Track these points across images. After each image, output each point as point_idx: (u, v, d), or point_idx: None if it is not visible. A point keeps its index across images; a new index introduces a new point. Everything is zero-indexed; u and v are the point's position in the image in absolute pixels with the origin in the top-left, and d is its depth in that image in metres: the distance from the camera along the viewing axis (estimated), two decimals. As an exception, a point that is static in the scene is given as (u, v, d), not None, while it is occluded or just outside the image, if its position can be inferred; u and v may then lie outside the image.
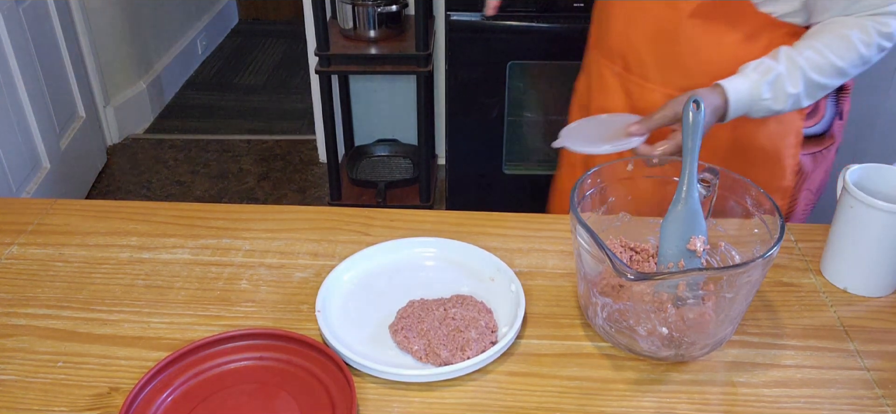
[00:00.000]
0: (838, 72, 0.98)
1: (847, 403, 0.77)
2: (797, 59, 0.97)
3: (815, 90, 0.99)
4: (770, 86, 0.97)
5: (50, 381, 0.80)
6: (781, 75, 0.97)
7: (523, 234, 1.02)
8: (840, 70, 0.98)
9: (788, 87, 0.97)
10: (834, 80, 0.99)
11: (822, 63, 0.97)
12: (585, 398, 0.78)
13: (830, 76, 0.98)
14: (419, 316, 0.85)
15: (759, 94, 0.97)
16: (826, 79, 0.98)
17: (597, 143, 1.01)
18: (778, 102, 0.98)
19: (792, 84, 0.97)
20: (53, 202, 1.09)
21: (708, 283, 0.78)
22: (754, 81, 0.97)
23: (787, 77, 0.97)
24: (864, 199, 0.86)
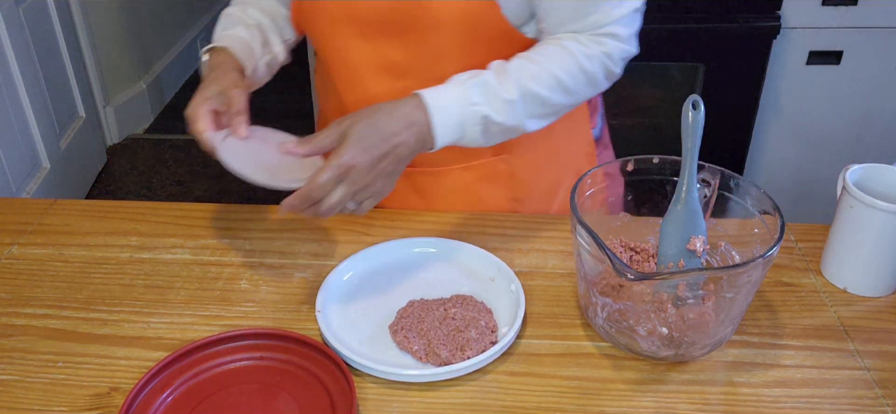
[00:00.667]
0: (560, 84, 0.89)
1: (847, 403, 0.77)
2: (506, 66, 0.89)
3: (537, 103, 0.89)
4: (480, 88, 0.86)
5: (50, 381, 0.80)
6: (490, 82, 0.87)
7: (523, 234, 1.02)
8: (561, 81, 0.89)
9: (502, 92, 0.87)
10: (557, 94, 0.90)
11: (538, 71, 0.88)
12: (585, 398, 0.78)
13: (552, 88, 0.89)
14: (419, 316, 0.85)
15: (469, 99, 0.86)
16: (546, 90, 0.89)
17: (256, 167, 0.87)
18: (496, 111, 0.87)
19: (505, 90, 0.87)
20: (53, 202, 1.09)
21: (708, 283, 0.78)
22: (461, 87, 0.86)
23: (498, 84, 0.87)
24: (864, 199, 0.86)
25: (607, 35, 0.91)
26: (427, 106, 0.85)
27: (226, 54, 0.98)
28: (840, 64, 2.07)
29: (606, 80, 0.94)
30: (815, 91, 2.12)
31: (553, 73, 0.89)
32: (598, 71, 0.92)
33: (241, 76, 0.96)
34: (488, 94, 0.87)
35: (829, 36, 2.03)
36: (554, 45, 0.91)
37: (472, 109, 0.86)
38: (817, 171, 2.25)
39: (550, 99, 0.90)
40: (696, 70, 2.08)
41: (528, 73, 0.88)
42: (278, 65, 1.08)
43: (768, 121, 2.18)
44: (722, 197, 0.87)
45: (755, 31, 1.97)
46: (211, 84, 0.92)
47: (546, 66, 0.89)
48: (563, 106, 0.92)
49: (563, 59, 0.89)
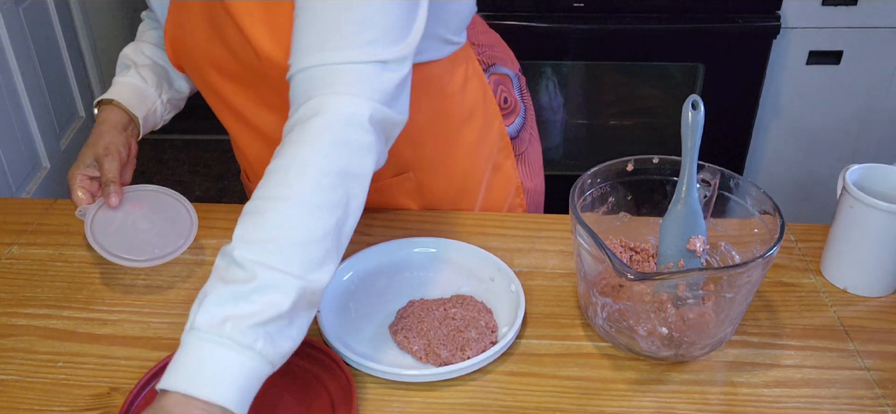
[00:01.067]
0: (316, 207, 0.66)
1: (847, 403, 0.77)
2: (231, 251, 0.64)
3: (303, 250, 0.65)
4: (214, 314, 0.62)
5: (50, 381, 0.80)
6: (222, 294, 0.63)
7: (523, 234, 1.02)
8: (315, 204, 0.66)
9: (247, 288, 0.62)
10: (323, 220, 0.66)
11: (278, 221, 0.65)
12: (585, 398, 0.78)
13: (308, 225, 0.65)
14: (419, 316, 0.85)
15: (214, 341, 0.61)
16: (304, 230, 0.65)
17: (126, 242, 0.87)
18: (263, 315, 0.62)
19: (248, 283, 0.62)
20: (53, 202, 1.09)
21: (708, 283, 0.78)
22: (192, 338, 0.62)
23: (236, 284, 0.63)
24: (864, 200, 0.86)
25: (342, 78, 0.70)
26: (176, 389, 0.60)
27: (112, 109, 0.98)
28: (840, 64, 2.07)
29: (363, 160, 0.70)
30: (815, 91, 2.12)
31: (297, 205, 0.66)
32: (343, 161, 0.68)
33: (123, 133, 0.97)
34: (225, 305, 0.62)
35: (829, 36, 2.03)
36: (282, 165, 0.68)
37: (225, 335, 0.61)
38: (817, 171, 2.25)
39: (313, 235, 0.66)
40: (696, 70, 2.08)
41: (265, 234, 0.65)
42: (183, 98, 1.08)
43: (768, 121, 2.18)
44: (722, 197, 0.87)
45: (755, 31, 1.97)
46: (87, 150, 0.94)
47: (282, 209, 0.65)
48: (335, 223, 0.67)
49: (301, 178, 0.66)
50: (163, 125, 1.06)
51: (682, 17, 1.96)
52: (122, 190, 0.93)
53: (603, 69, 2.21)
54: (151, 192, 0.98)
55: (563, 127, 2.35)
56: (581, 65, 2.18)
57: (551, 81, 2.25)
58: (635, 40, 2.01)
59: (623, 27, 1.97)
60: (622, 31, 1.98)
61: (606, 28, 1.98)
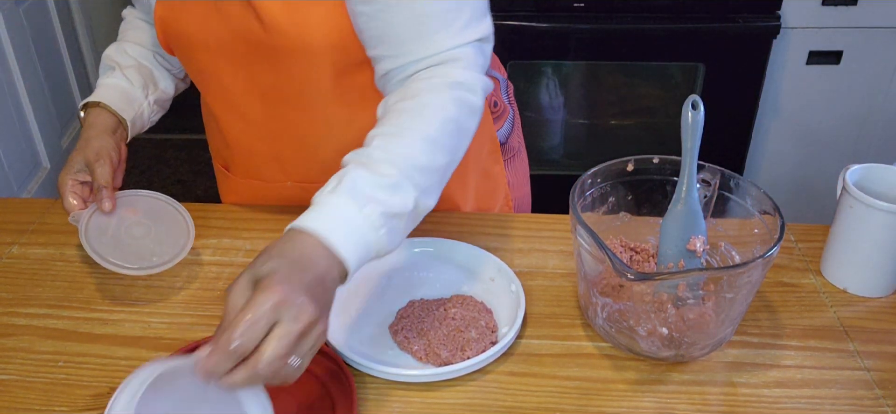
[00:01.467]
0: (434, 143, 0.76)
1: (847, 403, 0.77)
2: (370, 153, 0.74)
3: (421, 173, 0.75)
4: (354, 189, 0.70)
5: (50, 381, 0.80)
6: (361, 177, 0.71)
7: (523, 234, 1.02)
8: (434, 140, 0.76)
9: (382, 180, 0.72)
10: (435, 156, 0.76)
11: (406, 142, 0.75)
12: (585, 398, 0.78)
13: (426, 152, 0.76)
14: (419, 316, 0.85)
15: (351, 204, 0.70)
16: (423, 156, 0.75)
17: (122, 248, 0.85)
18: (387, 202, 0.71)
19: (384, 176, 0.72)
20: (53, 202, 1.09)
21: (708, 283, 0.78)
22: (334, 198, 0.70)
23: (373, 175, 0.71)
24: (864, 200, 0.86)
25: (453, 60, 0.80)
26: (314, 231, 0.68)
27: (99, 113, 0.96)
28: (840, 64, 2.07)
29: (472, 117, 0.81)
30: (815, 91, 2.12)
31: (422, 137, 0.76)
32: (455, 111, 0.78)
33: (113, 136, 0.95)
34: (369, 188, 0.70)
35: (829, 36, 2.03)
36: (408, 106, 0.78)
37: (365, 211, 0.70)
38: (817, 171, 2.25)
39: (431, 164, 0.76)
40: (696, 70, 2.08)
41: (397, 149, 0.74)
42: (169, 98, 1.07)
43: (768, 121, 2.18)
44: (722, 197, 0.87)
45: (755, 31, 1.97)
46: (77, 154, 0.92)
47: (410, 136, 0.76)
48: (445, 164, 0.78)
49: (424, 118, 0.77)
50: (149, 127, 1.05)
51: (682, 17, 1.96)
52: (114, 195, 0.91)
53: (603, 69, 2.21)
54: (145, 198, 0.96)
55: (563, 127, 2.35)
56: (581, 65, 2.18)
57: (551, 81, 2.25)
58: (635, 40, 2.01)
59: (623, 27, 1.97)
60: (622, 31, 1.98)
61: (606, 28, 1.98)
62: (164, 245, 0.91)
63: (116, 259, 0.86)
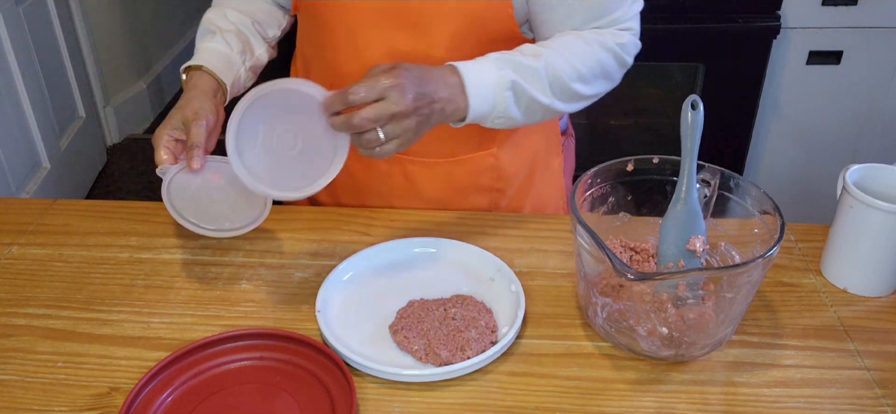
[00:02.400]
0: (579, 73, 0.92)
1: (847, 403, 0.77)
2: (533, 48, 0.91)
3: (562, 86, 0.92)
4: (509, 60, 0.88)
5: (50, 381, 0.80)
6: (516, 57, 0.89)
7: (523, 234, 1.02)
8: (579, 71, 0.92)
9: (531, 63, 0.89)
10: (577, 83, 0.92)
11: (561, 57, 0.91)
12: (585, 398, 0.78)
13: (572, 76, 0.92)
14: (419, 316, 0.85)
15: (499, 67, 0.88)
16: (568, 75, 0.91)
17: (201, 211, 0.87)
18: (526, 79, 0.89)
19: (534, 63, 0.89)
20: (53, 202, 1.09)
21: (708, 283, 0.78)
22: (490, 59, 0.88)
23: (525, 58, 0.89)
24: (864, 200, 0.86)
25: (625, 30, 0.95)
26: (459, 70, 0.86)
27: (201, 75, 0.97)
28: (840, 64, 2.07)
29: (620, 71, 0.97)
30: (815, 91, 2.12)
31: (574, 65, 0.91)
32: (612, 64, 0.95)
33: (213, 99, 0.96)
34: (517, 65, 0.88)
35: (829, 36, 2.03)
36: (573, 37, 0.93)
37: (502, 74, 0.87)
38: (817, 171, 2.25)
39: (573, 86, 0.92)
40: (696, 70, 2.08)
41: (553, 56, 0.90)
42: (262, 66, 1.09)
43: (768, 121, 2.18)
44: (722, 197, 0.87)
45: (755, 31, 1.97)
46: (177, 111, 0.93)
47: (565, 55, 0.91)
48: (584, 95, 0.94)
49: (583, 50, 0.92)
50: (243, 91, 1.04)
51: (682, 17, 1.96)
52: (205, 156, 0.91)
53: (603, 69, 2.21)
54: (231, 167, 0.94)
55: (563, 127, 2.35)
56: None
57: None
58: (635, 40, 2.01)
59: (623, 27, 1.97)
60: (622, 31, 1.98)
61: (606, 28, 1.97)
62: (238, 213, 0.90)
63: (190, 217, 0.87)
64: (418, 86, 0.82)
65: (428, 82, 0.83)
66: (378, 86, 0.79)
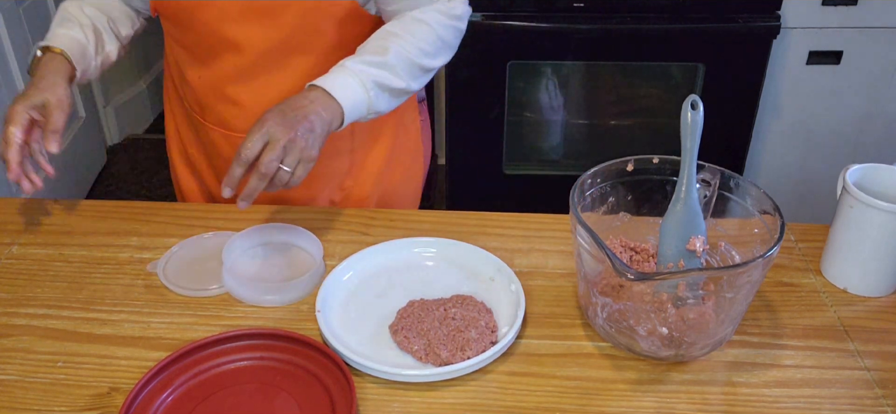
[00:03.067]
0: (425, 52, 1.00)
1: (847, 403, 0.77)
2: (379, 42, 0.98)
3: (413, 67, 0.99)
4: (363, 61, 0.96)
5: (50, 381, 0.80)
6: (368, 53, 0.97)
7: (523, 234, 1.02)
8: (425, 50, 1.00)
9: (384, 58, 0.96)
10: (426, 59, 1.00)
11: (406, 43, 0.98)
12: (585, 398, 0.78)
13: (421, 54, 0.99)
14: (419, 316, 0.85)
15: (356, 68, 0.95)
16: (417, 56, 0.99)
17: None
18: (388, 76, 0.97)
19: (387, 57, 0.97)
20: (53, 202, 1.09)
21: (708, 283, 0.78)
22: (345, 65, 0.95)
23: (378, 55, 0.97)
24: (864, 199, 0.86)
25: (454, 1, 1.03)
26: (320, 84, 0.93)
27: (61, 60, 1.00)
28: (840, 64, 2.07)
29: (458, 38, 1.05)
30: (815, 91, 2.12)
31: (418, 45, 0.99)
32: (450, 34, 1.03)
33: (69, 86, 0.99)
34: (372, 63, 0.96)
35: (829, 36, 2.03)
36: (414, 18, 1.00)
37: (364, 76, 0.95)
38: (817, 171, 2.25)
39: (421, 63, 1.00)
40: (696, 70, 2.08)
41: (399, 43, 0.98)
42: (110, 64, 1.11)
43: (768, 121, 2.18)
44: (722, 197, 0.87)
45: (755, 31, 1.97)
46: (38, 92, 0.96)
47: (409, 39, 0.98)
48: (432, 68, 1.03)
49: (422, 30, 1.00)
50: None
51: (682, 17, 1.96)
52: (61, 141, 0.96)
53: (603, 69, 2.21)
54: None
55: (563, 127, 2.35)
56: (581, 65, 2.18)
57: (551, 81, 2.25)
58: (635, 40, 2.01)
59: (623, 27, 1.97)
60: (622, 31, 1.98)
61: (606, 28, 1.97)
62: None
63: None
64: (286, 112, 0.89)
65: (293, 108, 0.90)
66: (259, 133, 0.86)
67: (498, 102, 2.12)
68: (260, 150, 0.86)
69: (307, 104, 0.91)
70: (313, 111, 0.90)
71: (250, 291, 0.90)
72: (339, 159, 1.15)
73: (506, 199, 2.29)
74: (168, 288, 0.92)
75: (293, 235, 0.99)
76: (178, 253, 0.98)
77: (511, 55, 2.05)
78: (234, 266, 0.94)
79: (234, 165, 0.86)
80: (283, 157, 0.86)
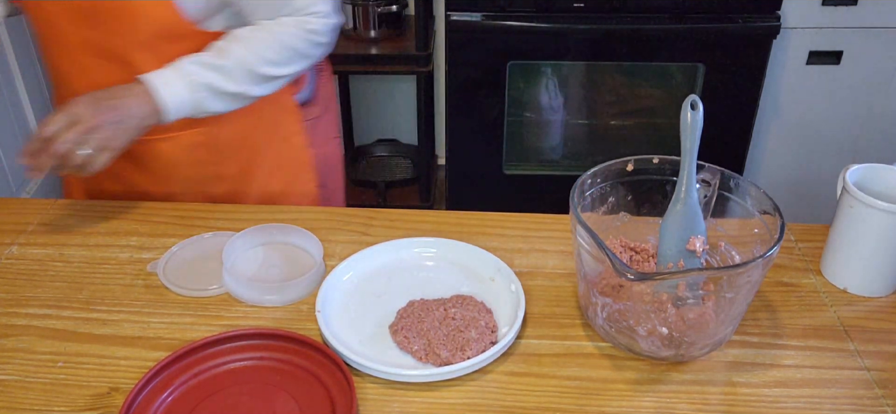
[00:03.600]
0: (268, 60, 1.02)
1: (847, 403, 0.77)
2: (219, 44, 1.01)
3: (252, 74, 1.01)
4: (197, 61, 0.98)
5: (50, 381, 0.80)
6: (205, 56, 0.99)
7: (523, 234, 1.02)
8: (268, 58, 1.02)
9: (219, 62, 0.99)
10: (269, 67, 1.02)
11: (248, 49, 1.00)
12: (585, 398, 0.78)
13: (263, 62, 1.01)
14: (419, 316, 0.85)
15: (188, 69, 0.98)
16: (258, 64, 1.01)
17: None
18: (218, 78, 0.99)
19: (222, 61, 0.99)
20: (53, 202, 1.09)
21: (708, 283, 0.78)
22: (179, 64, 0.98)
23: (214, 58, 0.99)
24: (864, 200, 0.86)
25: (311, 14, 1.04)
26: (146, 79, 0.97)
27: None
28: (840, 64, 2.07)
29: (317, 49, 1.07)
30: (815, 91, 2.12)
31: (259, 52, 1.01)
32: (304, 46, 1.04)
33: None
34: (207, 65, 0.99)
35: (829, 36, 2.03)
36: (263, 27, 1.03)
37: (194, 77, 0.98)
38: (817, 172, 2.25)
39: (262, 71, 1.02)
40: (696, 70, 2.09)
41: (240, 49, 1.00)
42: None
43: (768, 121, 2.18)
44: (722, 197, 0.87)
45: (755, 31, 1.97)
46: None
47: (252, 47, 1.01)
48: (279, 76, 1.05)
49: (266, 38, 1.02)
50: None
51: (682, 17, 1.96)
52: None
53: (603, 69, 2.21)
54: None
55: (563, 127, 2.35)
56: (581, 65, 2.18)
57: (551, 81, 2.26)
58: (635, 40, 2.01)
59: (623, 27, 1.97)
60: (622, 31, 1.98)
61: (606, 28, 1.98)
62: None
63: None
64: (100, 100, 0.93)
65: (109, 97, 0.94)
66: (66, 113, 0.91)
67: (498, 102, 2.12)
68: (61, 129, 0.90)
69: (123, 96, 0.95)
70: (127, 104, 0.94)
71: (250, 291, 0.90)
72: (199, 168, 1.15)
73: (506, 200, 2.29)
74: (168, 288, 0.92)
75: (293, 235, 0.99)
76: (178, 253, 0.98)
77: (511, 55, 2.05)
78: (234, 266, 0.94)
79: (33, 138, 0.91)
80: (82, 140, 0.90)
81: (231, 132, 1.13)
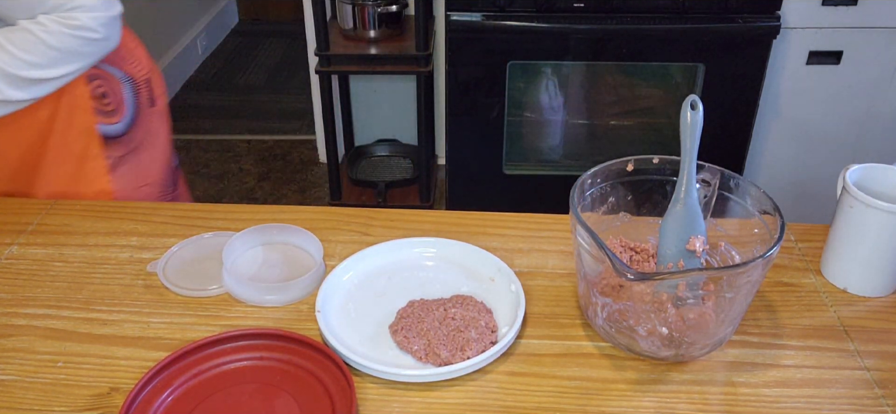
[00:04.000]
0: (25, 61, 1.00)
1: (847, 403, 0.77)
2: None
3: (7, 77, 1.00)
4: None
5: (50, 381, 0.80)
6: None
7: (523, 234, 1.02)
8: (25, 59, 1.00)
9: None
10: (28, 70, 1.01)
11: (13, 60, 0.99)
12: (585, 398, 0.78)
13: (18, 65, 1.00)
14: (419, 316, 0.85)
15: None
16: (12, 67, 0.99)
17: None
18: None
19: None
20: (53, 202, 1.09)
21: (708, 283, 0.78)
22: None
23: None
24: (864, 200, 0.86)
25: (74, 8, 1.01)
26: None
27: None
28: (840, 64, 2.07)
29: (91, 45, 1.04)
30: (815, 91, 2.12)
31: (14, 53, 0.99)
32: (74, 44, 1.02)
33: None
34: None
35: (829, 36, 2.03)
36: (24, 28, 1.00)
37: None
38: (817, 171, 2.25)
39: (20, 74, 1.01)
40: (696, 70, 2.09)
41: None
42: None
43: (768, 121, 2.18)
44: (722, 197, 0.87)
45: (755, 31, 1.97)
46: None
47: (10, 51, 0.99)
48: (47, 78, 1.03)
49: (24, 39, 1.00)
50: None
51: (682, 17, 1.96)
52: None
53: (603, 69, 2.21)
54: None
55: (563, 127, 2.35)
56: (581, 65, 2.18)
57: (551, 81, 2.26)
58: (635, 40, 2.01)
59: (623, 27, 1.97)
60: (622, 31, 1.98)
61: (606, 28, 1.98)
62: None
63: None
64: None
65: None
66: None
67: (498, 102, 2.12)
68: None
69: None
70: None
71: (250, 291, 0.90)
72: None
73: (506, 199, 2.29)
74: (168, 288, 0.92)
75: (293, 235, 0.99)
76: (178, 253, 0.98)
77: (511, 55, 2.05)
78: (234, 266, 0.94)
79: None
80: None
81: (7, 143, 1.12)
